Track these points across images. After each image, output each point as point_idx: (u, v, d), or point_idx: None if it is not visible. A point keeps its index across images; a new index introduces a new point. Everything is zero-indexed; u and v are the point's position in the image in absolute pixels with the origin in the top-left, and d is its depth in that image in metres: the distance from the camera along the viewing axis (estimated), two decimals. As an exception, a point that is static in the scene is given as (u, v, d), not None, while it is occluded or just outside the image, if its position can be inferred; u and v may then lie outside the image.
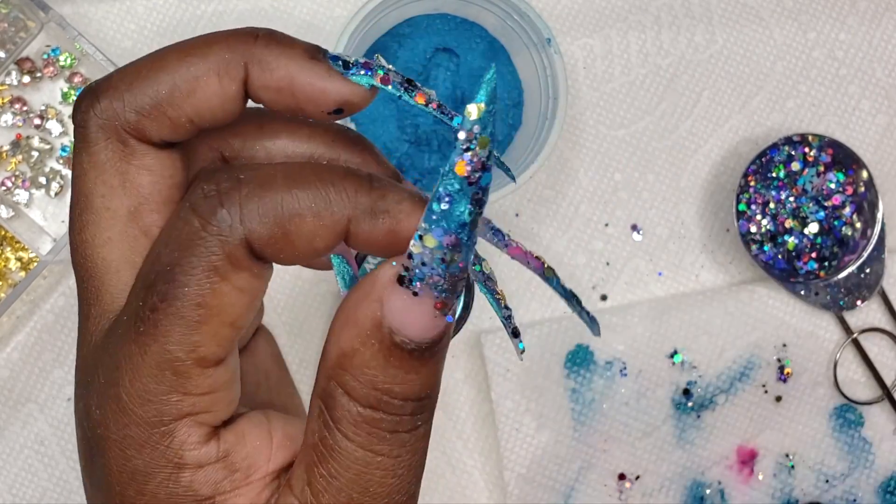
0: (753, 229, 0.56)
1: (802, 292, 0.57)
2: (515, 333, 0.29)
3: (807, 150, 0.56)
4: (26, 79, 0.55)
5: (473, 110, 0.22)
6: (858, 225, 0.56)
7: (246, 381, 0.30)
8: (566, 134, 0.58)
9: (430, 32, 0.56)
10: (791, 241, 0.56)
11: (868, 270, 0.57)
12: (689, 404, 0.57)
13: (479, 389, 0.58)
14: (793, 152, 0.56)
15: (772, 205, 0.56)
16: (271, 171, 0.24)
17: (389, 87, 0.26)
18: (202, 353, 0.24)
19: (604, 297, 0.58)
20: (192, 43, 0.25)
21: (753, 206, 0.56)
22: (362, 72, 0.25)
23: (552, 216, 0.58)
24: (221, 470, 0.24)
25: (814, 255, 0.56)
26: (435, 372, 0.24)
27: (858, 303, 0.57)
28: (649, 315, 0.57)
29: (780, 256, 0.56)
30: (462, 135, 0.22)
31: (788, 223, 0.56)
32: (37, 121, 0.55)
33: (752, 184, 0.56)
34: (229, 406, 0.25)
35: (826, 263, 0.56)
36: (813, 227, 0.56)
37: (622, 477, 0.57)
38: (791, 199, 0.56)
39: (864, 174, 0.56)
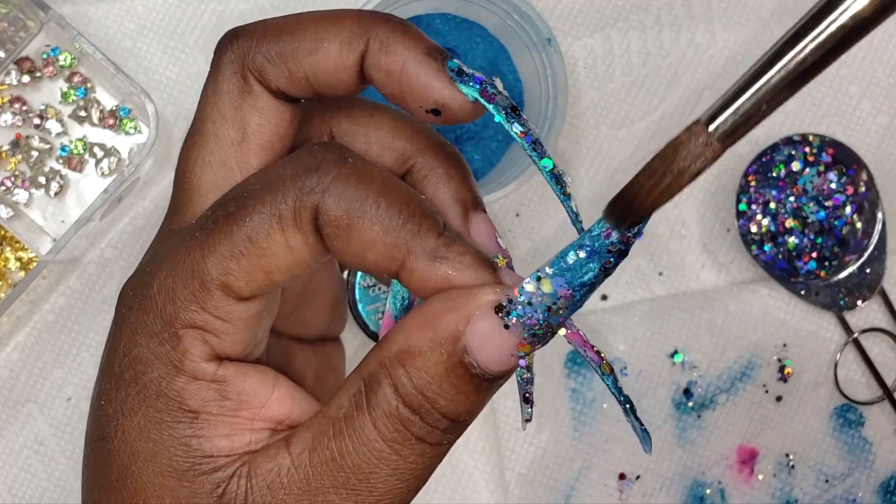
0: (754, 229, 0.56)
1: (803, 292, 0.57)
2: (527, 400, 0.29)
3: (807, 149, 0.56)
4: (26, 78, 0.55)
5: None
6: (859, 225, 0.56)
7: (295, 369, 0.31)
8: (567, 134, 0.58)
9: (430, 32, 0.56)
10: (791, 240, 0.56)
11: (869, 270, 0.57)
12: (690, 404, 0.57)
13: (479, 389, 0.58)
14: (793, 152, 0.56)
15: (772, 204, 0.56)
16: (373, 171, 0.25)
17: (491, 106, 0.26)
18: (230, 281, 0.25)
19: (604, 297, 0.58)
20: (329, 12, 0.27)
21: (754, 206, 0.56)
22: (472, 83, 0.26)
23: (553, 216, 0.58)
24: (213, 391, 0.25)
25: (814, 254, 0.56)
26: (483, 402, 0.25)
27: (859, 303, 0.57)
28: (650, 315, 0.57)
29: (780, 256, 0.56)
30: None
31: (789, 223, 0.56)
32: (36, 120, 0.55)
33: (753, 183, 0.56)
34: (238, 345, 0.26)
35: (826, 263, 0.56)
36: (813, 227, 0.56)
37: (622, 477, 0.57)
38: (792, 198, 0.56)
39: (865, 174, 0.56)
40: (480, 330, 0.23)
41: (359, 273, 0.55)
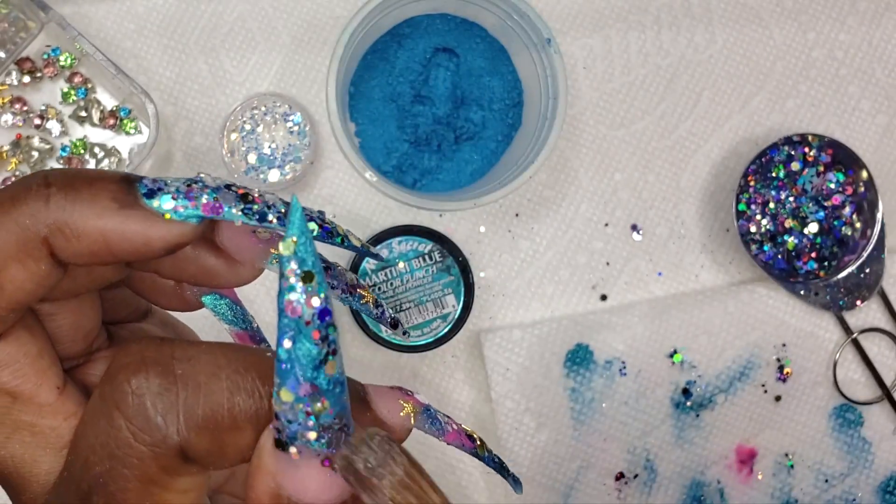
0: (753, 229, 0.56)
1: (802, 292, 0.57)
2: (394, 325, 0.27)
3: (807, 150, 0.56)
4: (26, 79, 0.55)
5: (284, 248, 0.19)
6: (858, 225, 0.56)
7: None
8: (566, 134, 0.58)
9: (430, 32, 0.56)
10: (791, 240, 0.56)
11: (868, 270, 0.57)
12: (689, 404, 0.57)
13: (479, 389, 0.58)
14: (793, 152, 0.56)
15: (771, 205, 0.56)
16: (212, 363, 0.21)
17: (222, 213, 0.22)
18: None
19: (604, 297, 0.58)
20: None
21: (753, 206, 0.56)
22: (183, 204, 0.22)
23: (552, 216, 0.58)
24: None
25: (813, 254, 0.56)
26: None
27: (858, 303, 0.57)
28: (649, 315, 0.57)
29: (779, 256, 0.56)
30: (282, 275, 0.19)
31: (788, 223, 0.56)
32: (37, 121, 0.55)
33: (752, 184, 0.56)
34: None
35: (826, 263, 0.56)
36: (813, 227, 0.56)
37: (621, 476, 0.57)
38: (791, 198, 0.56)
39: (864, 174, 0.56)
40: (285, 475, 0.21)
41: (366, 258, 0.55)
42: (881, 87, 0.59)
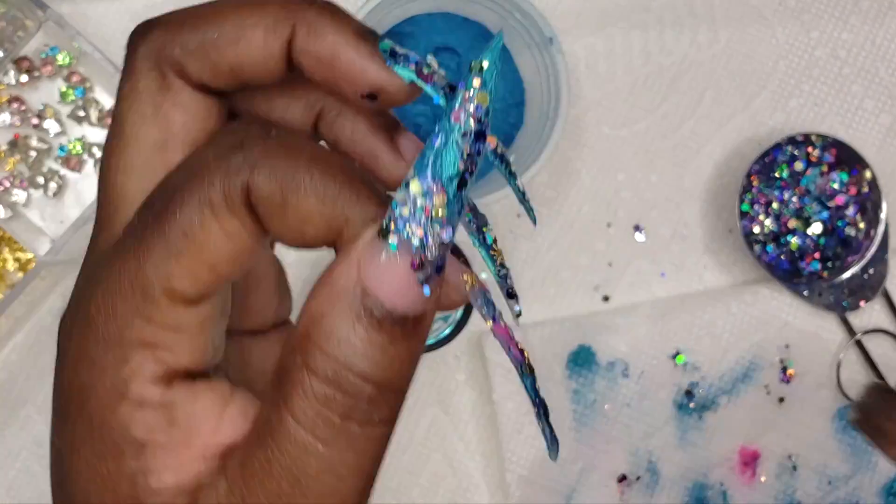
0: (756, 230, 0.56)
1: (805, 293, 0.57)
2: (511, 295, 0.27)
3: (810, 149, 0.56)
4: (24, 78, 0.55)
5: (475, 65, 0.21)
6: (862, 225, 0.56)
7: (254, 366, 0.29)
8: (568, 134, 0.58)
9: (431, 31, 0.55)
10: (794, 241, 0.56)
11: (871, 271, 0.56)
12: (692, 405, 0.57)
13: (480, 391, 0.57)
14: (796, 152, 0.56)
15: (775, 205, 0.56)
16: (301, 143, 0.23)
17: (428, 86, 0.25)
18: (174, 284, 0.23)
19: (606, 298, 0.58)
20: None
21: (756, 207, 0.56)
22: (406, 64, 0.25)
23: (554, 216, 0.58)
24: (161, 417, 0.23)
25: (817, 255, 0.56)
26: (404, 359, 0.22)
27: (862, 303, 0.57)
28: (652, 316, 0.57)
29: (783, 257, 0.56)
30: (463, 86, 0.21)
31: (792, 223, 0.56)
32: (35, 120, 0.55)
33: (756, 184, 0.56)
34: (193, 355, 0.24)
35: (829, 264, 0.56)
36: (816, 228, 0.56)
37: (624, 478, 0.57)
38: (794, 199, 0.56)
39: (868, 174, 0.56)
40: (370, 265, 0.21)
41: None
42: (885, 86, 0.59)
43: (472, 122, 0.21)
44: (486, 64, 0.21)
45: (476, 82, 0.21)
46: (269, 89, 0.27)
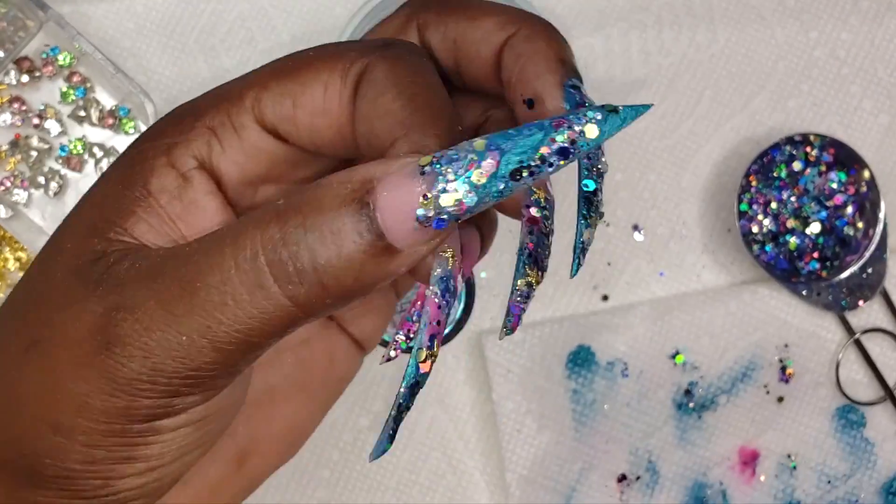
0: (755, 229, 0.56)
1: (804, 292, 0.57)
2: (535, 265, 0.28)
3: (808, 149, 0.56)
4: (25, 78, 0.55)
5: (611, 108, 0.22)
6: (860, 225, 0.56)
7: None
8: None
9: (430, 31, 0.55)
10: (793, 241, 0.56)
11: (870, 270, 0.57)
12: (691, 405, 0.57)
13: (479, 390, 0.57)
14: (794, 152, 0.56)
15: (773, 205, 0.56)
16: (429, 71, 0.26)
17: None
18: (262, 97, 0.26)
19: (605, 298, 0.58)
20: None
21: (755, 206, 0.56)
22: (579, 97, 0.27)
23: (552, 216, 0.58)
24: (176, 183, 0.26)
25: (815, 255, 0.56)
26: (362, 277, 0.22)
27: (860, 303, 0.57)
28: (651, 315, 0.57)
29: (781, 256, 0.56)
30: (585, 109, 0.21)
31: (790, 223, 0.56)
32: (35, 120, 0.55)
33: (754, 184, 0.56)
34: (233, 168, 0.27)
35: (828, 263, 0.56)
36: (815, 227, 0.56)
37: (623, 478, 0.57)
38: (793, 198, 0.56)
39: (866, 174, 0.56)
40: (393, 172, 0.22)
41: None
42: (883, 86, 0.59)
43: (567, 139, 0.21)
44: (619, 112, 0.22)
45: (597, 117, 0.21)
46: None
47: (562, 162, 0.21)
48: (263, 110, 0.26)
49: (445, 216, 0.21)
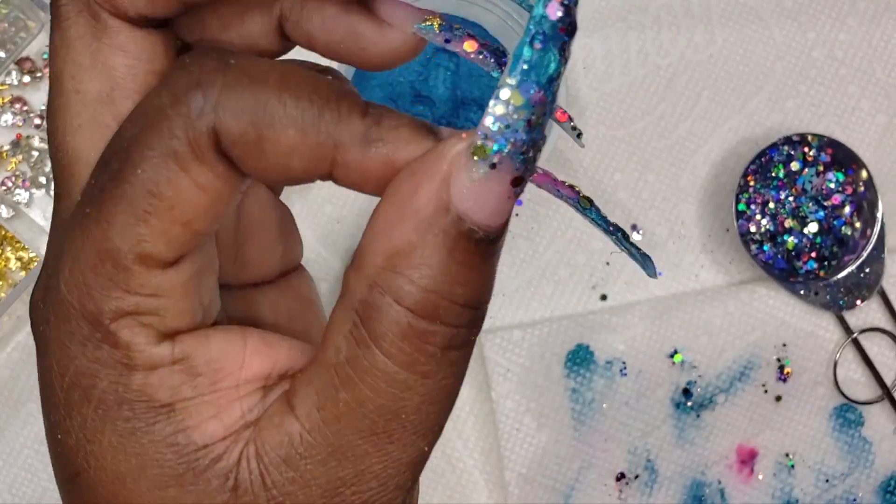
0: (753, 229, 0.56)
1: (802, 292, 0.57)
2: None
3: (806, 149, 0.56)
4: (26, 78, 0.55)
5: None
6: (858, 224, 0.56)
7: (264, 318, 0.27)
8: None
9: (429, 32, 0.56)
10: (791, 240, 0.56)
11: (868, 270, 0.57)
12: (689, 404, 0.57)
13: (479, 389, 0.58)
14: (792, 152, 0.56)
15: (771, 204, 0.56)
16: (265, 66, 0.21)
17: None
18: (147, 248, 0.21)
19: (603, 297, 0.58)
20: None
21: (753, 206, 0.56)
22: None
23: (551, 216, 0.58)
24: (179, 373, 0.21)
25: (813, 254, 0.56)
26: (494, 270, 0.21)
27: (858, 302, 0.57)
28: (649, 315, 0.57)
29: (779, 256, 0.56)
30: None
31: (788, 223, 0.56)
32: (37, 120, 0.55)
33: (752, 183, 0.56)
34: (182, 316, 0.22)
35: (826, 263, 0.56)
36: (812, 227, 0.56)
37: (622, 476, 0.57)
38: (791, 198, 0.56)
39: (864, 174, 0.56)
40: (464, 186, 0.19)
41: None
42: (881, 86, 0.59)
43: (560, 12, 0.19)
44: None
45: None
46: (217, 4, 0.23)
47: (574, 34, 0.19)
48: None
49: (533, 167, 0.20)
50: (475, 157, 0.19)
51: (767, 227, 0.56)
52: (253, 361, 0.22)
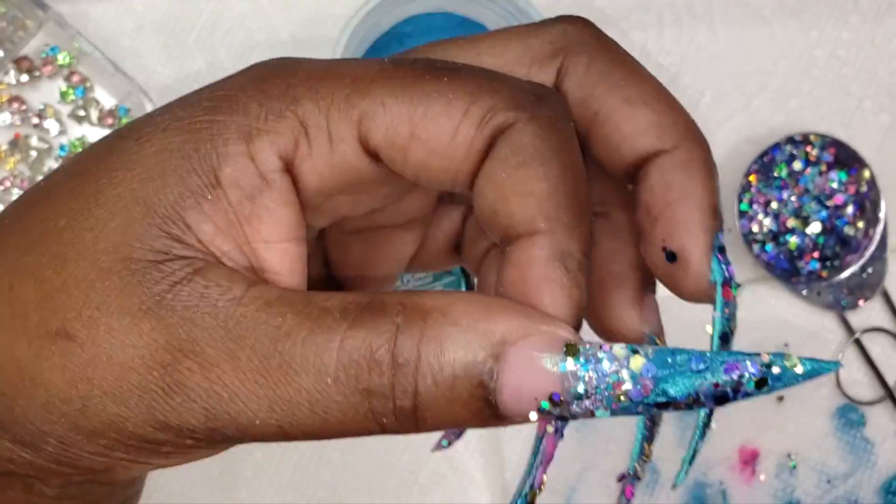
0: (755, 229, 0.56)
1: (804, 292, 0.57)
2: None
3: (809, 149, 0.56)
4: (24, 78, 0.55)
5: (794, 362, 0.19)
6: (861, 224, 0.56)
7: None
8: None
9: (431, 31, 0.55)
10: (793, 240, 0.56)
11: (870, 270, 0.57)
12: (691, 404, 0.57)
13: (480, 390, 0.57)
14: (795, 152, 0.56)
15: (774, 204, 0.56)
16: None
17: (719, 310, 0.23)
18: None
19: (605, 297, 0.58)
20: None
21: (755, 206, 0.56)
22: (722, 266, 0.23)
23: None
24: (251, 181, 0.22)
25: (816, 254, 0.56)
26: (456, 423, 0.21)
27: (861, 303, 0.57)
28: (651, 315, 0.57)
29: (782, 256, 0.56)
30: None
31: (790, 223, 0.56)
32: (35, 120, 0.55)
33: (754, 183, 0.56)
34: (321, 172, 0.22)
35: (828, 263, 0.56)
36: (815, 227, 0.56)
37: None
38: (793, 198, 0.56)
39: (867, 173, 0.56)
40: (533, 341, 0.20)
41: None
42: (884, 86, 0.59)
43: (730, 385, 0.19)
44: (799, 370, 0.19)
45: (774, 371, 0.19)
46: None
47: (713, 408, 0.20)
48: (371, 130, 0.21)
49: (568, 416, 0.20)
50: (564, 352, 0.19)
51: (770, 226, 0.56)
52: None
